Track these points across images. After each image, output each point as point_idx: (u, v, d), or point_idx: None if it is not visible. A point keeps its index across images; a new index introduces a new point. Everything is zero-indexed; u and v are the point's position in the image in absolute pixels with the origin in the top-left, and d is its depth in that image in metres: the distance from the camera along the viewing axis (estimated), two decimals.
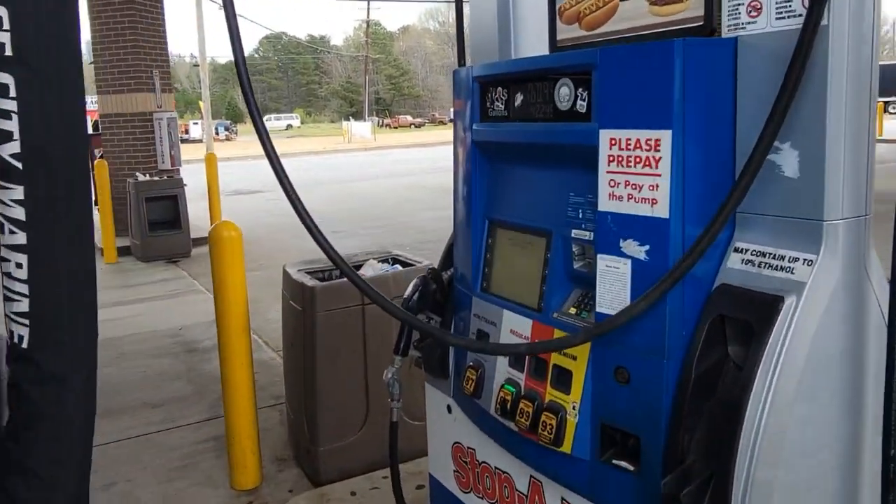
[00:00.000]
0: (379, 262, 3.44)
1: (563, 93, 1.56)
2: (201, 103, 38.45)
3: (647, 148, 1.37)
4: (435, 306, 2.14)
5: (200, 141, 41.01)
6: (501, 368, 1.70)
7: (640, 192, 1.39)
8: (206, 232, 9.20)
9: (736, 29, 1.34)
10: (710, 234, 1.24)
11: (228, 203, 13.14)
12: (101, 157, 9.46)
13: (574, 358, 1.50)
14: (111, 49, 9.15)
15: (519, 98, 1.70)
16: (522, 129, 1.69)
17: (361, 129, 41.81)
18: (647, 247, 1.38)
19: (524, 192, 1.77)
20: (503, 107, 1.76)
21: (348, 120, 44.82)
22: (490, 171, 1.88)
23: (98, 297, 5.66)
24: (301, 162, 26.25)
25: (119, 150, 9.38)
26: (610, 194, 1.44)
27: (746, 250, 1.34)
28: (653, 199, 1.37)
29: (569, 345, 1.46)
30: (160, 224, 8.64)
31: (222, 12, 1.60)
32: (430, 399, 2.23)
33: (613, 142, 1.43)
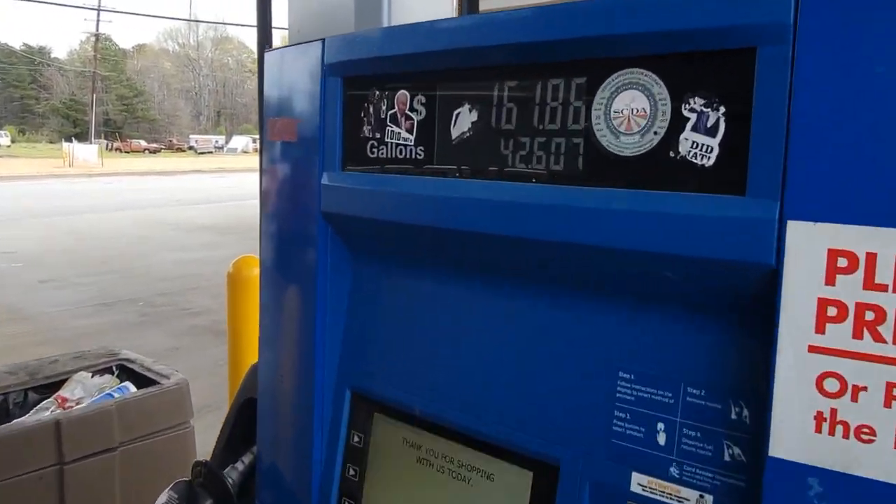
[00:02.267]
0: (94, 373, 2.13)
1: (632, 108, 0.55)
2: None
3: None
4: None
5: None
6: None
7: None
8: None
9: None
10: None
11: None
12: None
13: None
14: None
15: (467, 118, 0.67)
16: (474, 196, 0.66)
17: (86, 152, 37.14)
18: None
19: (465, 349, 0.72)
20: (413, 136, 0.71)
21: (70, 141, 39.70)
22: (360, 284, 0.81)
23: None
24: (9, 188, 22.20)
25: None
26: (823, 417, 0.47)
27: None
28: None
29: None
30: None
31: None
32: None
33: (841, 262, 0.45)
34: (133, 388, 2.04)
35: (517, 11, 0.62)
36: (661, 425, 0.58)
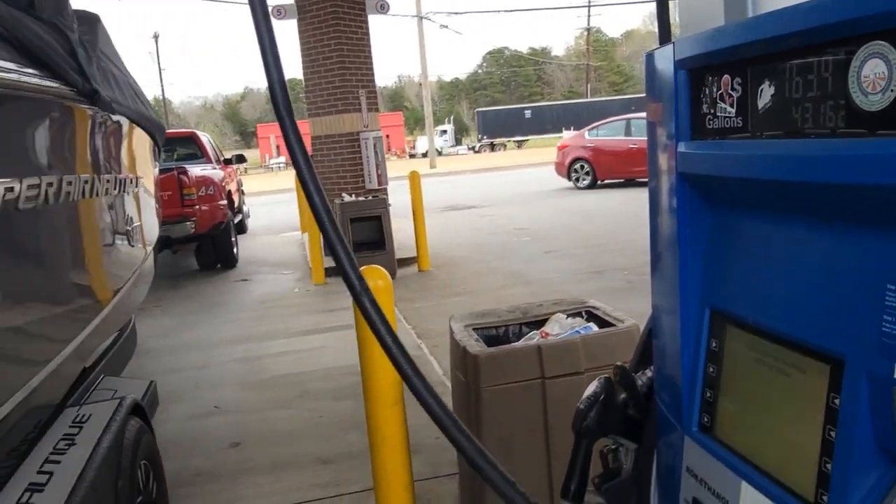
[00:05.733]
0: (568, 315, 2.66)
1: (875, 73, 0.72)
2: (428, 120, 39.80)
3: None
4: (629, 425, 1.38)
5: (426, 155, 42.53)
6: None
7: None
8: (413, 252, 8.98)
9: None
10: None
11: (438, 220, 12.99)
12: None
13: None
14: (319, 72, 9.22)
15: (766, 91, 0.88)
16: (773, 153, 0.87)
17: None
18: None
19: (781, 272, 0.93)
20: (734, 110, 0.94)
21: (569, 129, 44.00)
22: (713, 225, 1.07)
23: (296, 322, 5.47)
24: (520, 175, 25.89)
25: (328, 171, 9.46)
26: None
27: None
28: None
29: None
30: (365, 245, 8.49)
31: (443, 31, 1.06)
32: None
33: None
34: (595, 328, 2.51)
35: (801, 5, 0.80)
36: None
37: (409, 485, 2.55)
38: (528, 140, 49.48)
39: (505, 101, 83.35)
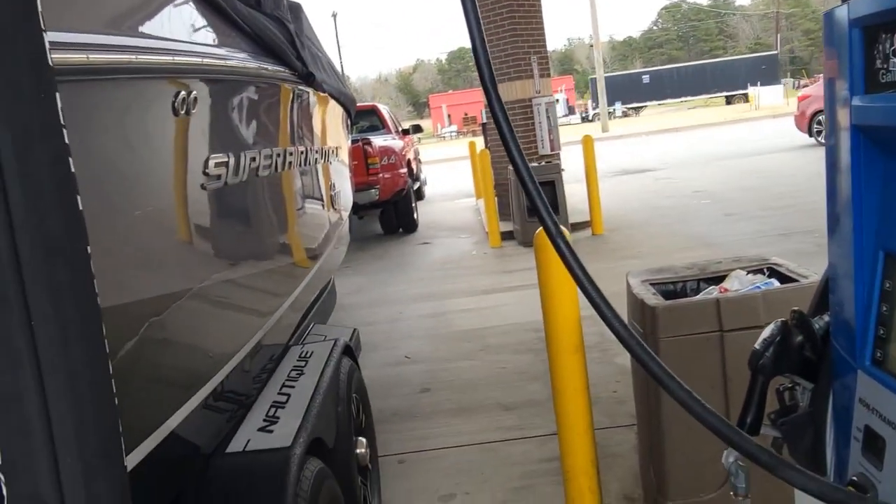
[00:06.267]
0: (749, 272, 2.70)
1: None
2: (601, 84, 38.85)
3: None
4: (804, 367, 1.47)
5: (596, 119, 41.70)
6: None
7: None
8: (586, 216, 9.03)
9: None
10: None
11: (612, 185, 12.84)
12: (487, 146, 9.95)
13: None
14: (492, 41, 9.42)
15: None
16: None
17: (770, 94, 37.86)
18: None
19: None
20: None
21: (756, 85, 40.86)
22: (886, 173, 1.14)
23: (476, 282, 5.87)
24: (696, 136, 24.74)
25: None
26: None
27: None
28: None
29: None
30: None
31: None
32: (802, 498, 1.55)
33: None
34: (777, 284, 2.54)
35: None
36: None
37: (589, 428, 2.74)
38: (645, 107, 47.01)
39: (683, 59, 79.14)
